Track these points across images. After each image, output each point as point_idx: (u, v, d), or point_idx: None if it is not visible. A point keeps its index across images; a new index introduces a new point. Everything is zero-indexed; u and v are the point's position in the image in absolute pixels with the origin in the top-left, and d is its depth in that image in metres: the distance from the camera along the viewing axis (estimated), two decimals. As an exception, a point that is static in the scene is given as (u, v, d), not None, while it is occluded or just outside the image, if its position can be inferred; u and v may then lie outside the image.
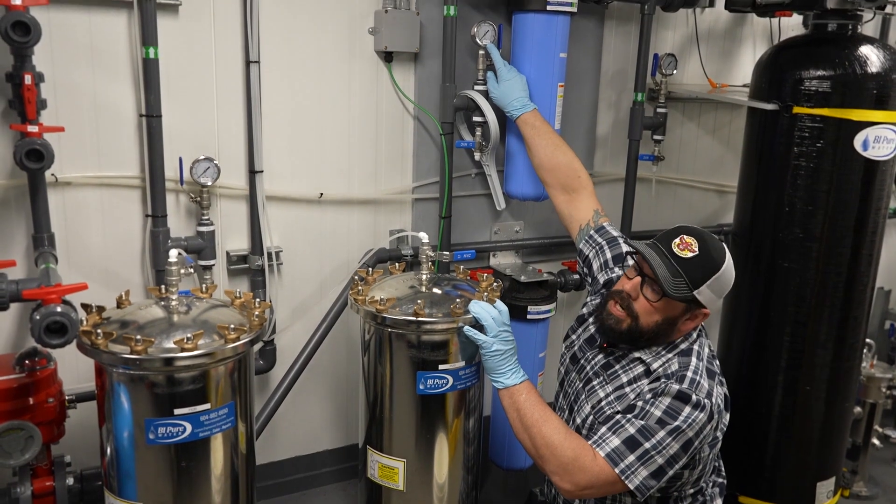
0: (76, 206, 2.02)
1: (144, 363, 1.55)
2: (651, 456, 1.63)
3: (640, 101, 2.66)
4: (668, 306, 1.73)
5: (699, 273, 1.70)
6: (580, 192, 2.17)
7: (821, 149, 2.39)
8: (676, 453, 1.64)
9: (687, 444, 1.65)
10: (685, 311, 1.74)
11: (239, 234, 2.25)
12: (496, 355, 1.74)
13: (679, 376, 1.70)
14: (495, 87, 2.29)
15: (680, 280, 1.70)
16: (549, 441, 1.69)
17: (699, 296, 1.70)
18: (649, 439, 1.63)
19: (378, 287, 2.00)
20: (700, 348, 1.78)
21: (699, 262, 1.71)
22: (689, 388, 1.67)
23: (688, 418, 1.64)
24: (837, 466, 2.70)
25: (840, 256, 2.47)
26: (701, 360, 1.75)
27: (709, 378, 1.72)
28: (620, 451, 1.64)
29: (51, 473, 1.79)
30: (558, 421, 1.72)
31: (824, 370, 2.54)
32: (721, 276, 1.72)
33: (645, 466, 1.63)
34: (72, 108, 1.96)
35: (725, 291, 1.77)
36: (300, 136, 2.28)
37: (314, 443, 2.54)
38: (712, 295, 1.73)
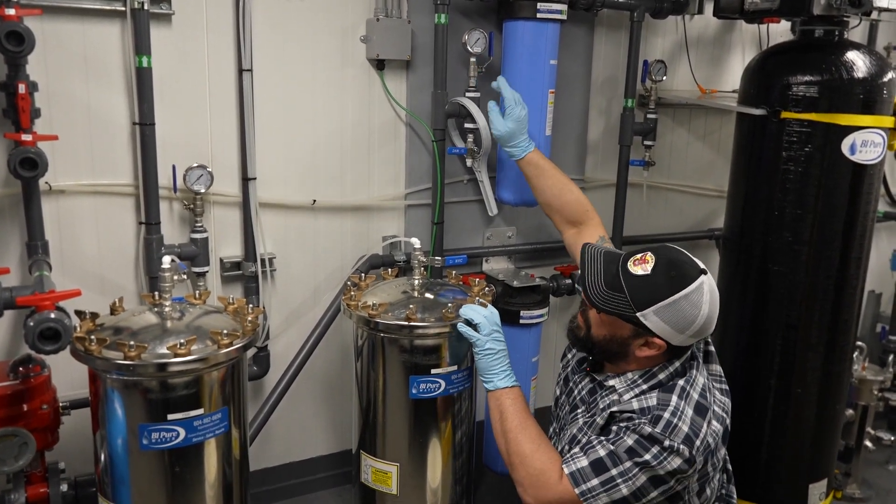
0: (70, 213, 2.03)
1: (138, 369, 1.56)
2: (616, 483, 1.56)
3: (631, 108, 2.69)
4: (613, 323, 1.63)
5: (644, 294, 1.57)
6: (588, 223, 2.09)
7: (809, 153, 2.41)
8: (644, 486, 1.56)
9: (657, 480, 1.56)
10: (635, 335, 1.62)
11: (232, 240, 2.26)
12: (489, 354, 1.75)
13: (654, 416, 1.57)
14: (502, 124, 2.10)
15: (619, 296, 1.59)
16: (520, 450, 1.68)
17: (644, 320, 1.57)
18: (616, 466, 1.56)
19: (371, 292, 2.01)
20: (688, 384, 1.63)
21: (646, 283, 1.58)
22: (663, 433, 1.54)
23: (658, 457, 1.54)
24: (830, 468, 2.71)
25: (829, 260, 2.49)
26: (685, 398, 1.61)
27: (696, 415, 1.58)
28: (585, 472, 1.58)
29: (45, 480, 1.79)
30: (536, 432, 1.70)
31: (816, 373, 2.55)
32: (673, 307, 1.56)
33: (607, 493, 1.57)
34: (66, 117, 1.97)
35: (691, 328, 1.58)
36: (293, 144, 2.29)
37: (308, 448, 2.54)
38: (666, 326, 1.58)
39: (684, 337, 1.60)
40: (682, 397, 1.61)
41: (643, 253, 1.63)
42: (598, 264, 1.66)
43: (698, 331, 1.61)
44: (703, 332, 1.62)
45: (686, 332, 1.60)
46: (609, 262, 1.66)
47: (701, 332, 1.62)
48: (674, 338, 1.60)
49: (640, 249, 1.64)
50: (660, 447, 1.54)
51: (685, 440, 1.55)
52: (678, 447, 1.54)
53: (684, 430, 1.56)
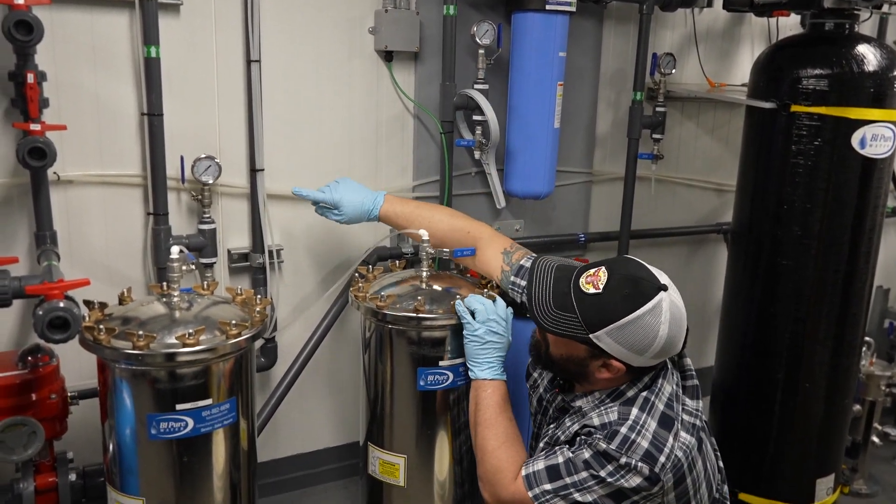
0: (78, 204, 2.03)
1: (146, 358, 1.56)
2: (569, 491, 1.52)
3: (639, 101, 2.67)
4: (568, 343, 1.55)
5: (595, 315, 1.48)
6: (479, 244, 1.94)
7: (819, 147, 2.40)
8: (603, 497, 1.50)
9: (617, 495, 1.50)
10: (591, 356, 1.53)
11: (240, 232, 2.26)
12: (476, 341, 1.75)
13: (611, 432, 1.50)
14: (339, 208, 1.96)
15: (570, 316, 1.51)
16: (484, 445, 1.68)
17: (598, 342, 1.49)
18: (571, 475, 1.52)
19: (378, 284, 2.01)
20: (652, 395, 1.54)
21: (598, 302, 1.48)
22: (618, 450, 1.47)
23: (614, 474, 1.48)
24: (837, 463, 2.70)
25: (838, 254, 2.48)
26: (648, 410, 1.52)
27: (660, 428, 1.50)
28: (540, 476, 1.55)
29: (53, 469, 1.80)
30: (504, 429, 1.68)
31: (823, 367, 2.54)
32: (627, 329, 1.46)
33: (562, 499, 1.52)
34: (74, 107, 1.97)
35: (650, 350, 1.48)
36: (301, 135, 2.29)
37: (315, 440, 2.55)
38: (621, 348, 1.48)
39: (645, 359, 1.50)
40: (644, 409, 1.53)
41: (597, 268, 1.53)
42: (548, 281, 1.57)
43: (660, 352, 1.50)
44: (666, 352, 1.51)
45: (646, 354, 1.49)
46: (560, 279, 1.57)
47: (664, 352, 1.51)
48: (633, 360, 1.51)
49: (594, 264, 1.56)
50: (616, 464, 1.48)
51: (645, 457, 1.47)
52: (636, 465, 1.47)
53: (643, 445, 1.48)
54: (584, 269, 1.56)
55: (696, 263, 3.24)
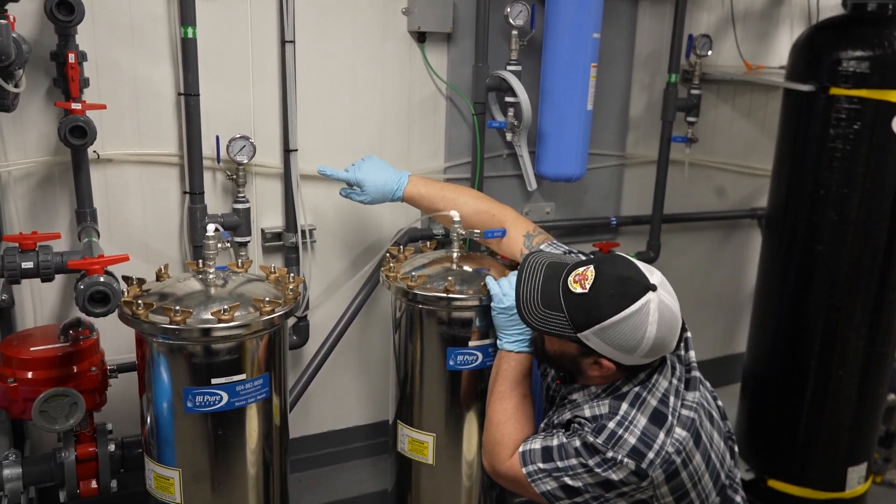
0: (117, 182, 2.07)
1: (183, 333, 1.60)
2: (560, 474, 1.56)
3: (674, 83, 2.65)
4: (560, 341, 1.56)
5: (581, 315, 1.48)
6: (503, 226, 1.96)
7: (858, 131, 2.36)
8: (591, 485, 1.53)
9: (606, 484, 1.52)
10: (582, 354, 1.53)
11: (273, 211, 2.29)
12: (503, 314, 1.76)
13: (599, 426, 1.52)
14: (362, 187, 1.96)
15: (558, 315, 1.51)
16: (491, 416, 1.73)
17: (587, 342, 1.49)
18: (563, 460, 1.56)
19: (409, 264, 2.02)
20: (644, 391, 1.54)
21: (584, 303, 1.48)
22: (605, 444, 1.49)
23: (600, 465, 1.51)
24: (869, 452, 2.68)
25: (876, 240, 2.44)
26: (638, 406, 1.52)
27: (651, 424, 1.50)
28: (535, 455, 1.60)
29: (93, 440, 1.85)
30: (515, 404, 1.71)
31: (858, 355, 2.52)
32: (613, 329, 1.45)
33: (553, 479, 1.57)
34: (113, 87, 2.00)
35: (639, 349, 1.47)
36: (334, 116, 2.30)
37: (345, 418, 2.58)
38: (610, 348, 1.48)
39: (635, 357, 1.50)
40: (633, 405, 1.53)
41: (585, 267, 1.52)
42: (537, 280, 1.56)
43: (649, 351, 1.48)
44: (656, 351, 1.50)
45: (635, 354, 1.48)
46: (550, 276, 1.55)
47: (654, 351, 1.49)
48: (623, 359, 1.50)
49: (583, 262, 1.55)
50: (601, 458, 1.50)
51: (631, 452, 1.48)
52: (622, 460, 1.48)
53: (630, 441, 1.49)
54: (573, 267, 1.54)
55: (728, 249, 3.20)
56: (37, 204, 2.00)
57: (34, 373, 1.73)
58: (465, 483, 2.02)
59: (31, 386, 1.72)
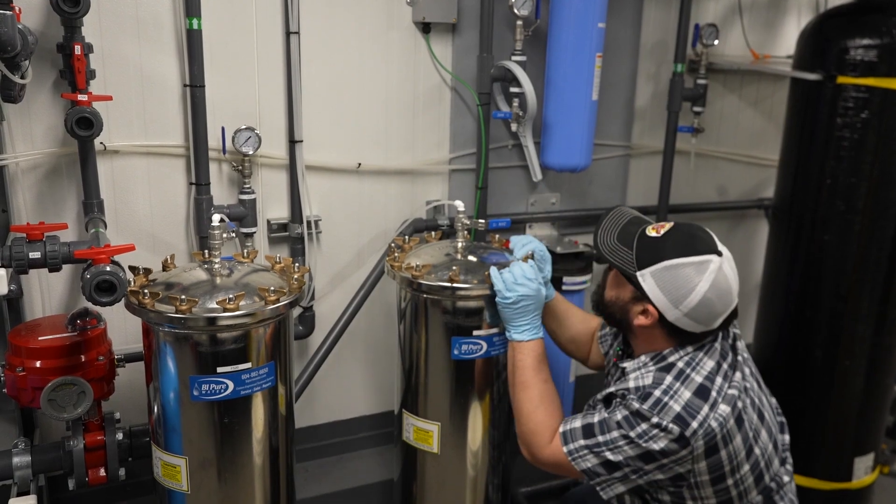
0: (124, 173, 2.09)
1: (189, 322, 1.61)
2: (601, 449, 1.58)
3: (680, 73, 2.64)
4: (619, 284, 1.66)
5: (648, 254, 1.58)
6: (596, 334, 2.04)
7: (865, 120, 2.34)
8: (632, 458, 1.56)
9: (647, 456, 1.54)
10: (633, 299, 1.62)
11: (279, 202, 2.30)
12: (509, 308, 1.77)
13: (644, 394, 1.56)
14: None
15: (625, 251, 1.61)
16: (519, 407, 1.75)
17: (642, 281, 1.57)
18: (604, 434, 1.58)
19: (414, 254, 2.03)
20: (689, 368, 1.59)
21: (653, 244, 1.58)
22: (650, 410, 1.53)
23: (644, 434, 1.53)
24: (876, 443, 2.67)
25: (883, 230, 2.43)
26: (683, 378, 1.57)
27: (695, 397, 1.54)
28: (575, 433, 1.63)
29: (101, 428, 1.86)
30: (540, 391, 1.73)
31: (864, 345, 2.50)
32: (670, 272, 1.54)
33: (594, 455, 1.59)
34: (119, 79, 2.01)
35: (684, 304, 1.54)
36: (339, 107, 2.31)
37: (351, 408, 2.59)
38: (660, 293, 1.56)
39: (678, 313, 1.55)
40: (678, 378, 1.57)
41: (665, 222, 1.65)
42: (620, 221, 1.68)
43: (693, 309, 1.54)
44: (699, 315, 1.55)
45: (680, 308, 1.54)
46: (634, 223, 1.68)
47: (697, 314, 1.55)
48: (668, 310, 1.56)
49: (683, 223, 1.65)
50: (648, 424, 1.53)
51: (676, 419, 1.51)
52: (667, 425, 1.51)
53: (675, 409, 1.52)
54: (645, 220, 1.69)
55: (735, 239, 3.19)
56: (44, 195, 2.01)
57: (42, 362, 1.75)
58: (469, 472, 2.04)
59: (40, 375, 1.73)
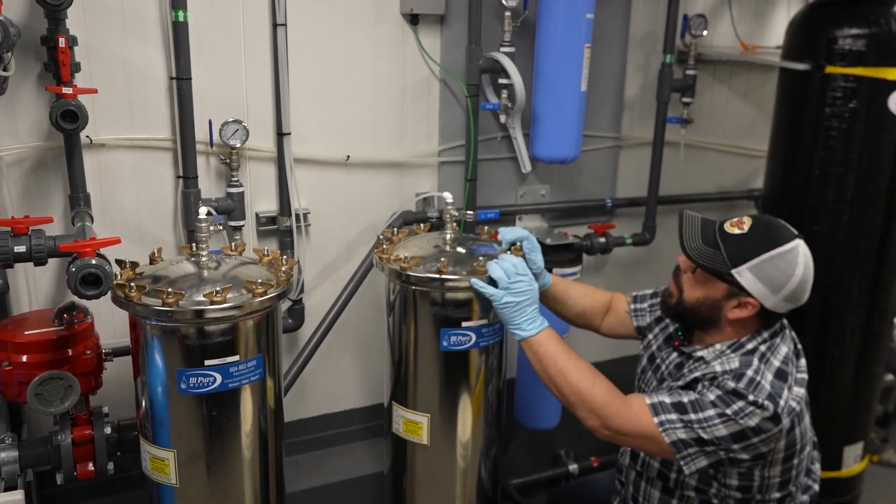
0: (110, 167, 2.08)
1: (176, 315, 1.60)
2: (693, 427, 1.59)
3: (669, 63, 2.64)
4: (707, 283, 1.67)
5: (740, 251, 1.61)
6: (613, 301, 2.12)
7: (854, 109, 2.35)
8: (724, 438, 1.58)
9: (739, 435, 1.58)
10: (728, 296, 1.65)
11: (268, 195, 2.29)
12: (507, 307, 1.74)
13: (737, 374, 1.61)
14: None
15: (715, 252, 1.63)
16: (576, 389, 1.69)
17: (739, 277, 1.61)
18: (697, 412, 1.59)
19: (403, 246, 2.02)
20: (769, 351, 1.66)
21: (743, 241, 1.62)
22: (746, 388, 1.58)
23: (741, 411, 1.57)
24: (866, 432, 2.68)
25: (872, 220, 2.44)
26: (765, 361, 1.64)
27: (776, 379, 1.61)
28: (665, 407, 1.62)
29: (90, 423, 1.85)
30: (582, 367, 1.71)
31: (854, 335, 2.52)
32: (770, 262, 1.59)
33: (685, 431, 1.59)
34: (105, 72, 2.00)
35: (784, 289, 1.60)
36: (327, 99, 2.30)
37: (342, 401, 2.59)
38: (759, 285, 1.60)
39: (777, 299, 1.62)
40: (762, 361, 1.64)
41: (739, 217, 1.68)
42: (696, 225, 1.70)
43: (791, 293, 1.62)
44: (796, 296, 1.63)
45: (779, 294, 1.61)
46: (706, 224, 1.71)
47: (794, 296, 1.63)
48: (767, 298, 1.62)
49: (756, 216, 1.70)
50: (744, 402, 1.57)
51: (769, 397, 1.57)
52: (763, 402, 1.56)
53: (766, 388, 1.59)
54: (724, 219, 1.71)
55: (726, 230, 3.20)
56: (30, 189, 2.00)
57: (29, 356, 1.74)
58: (459, 464, 2.04)
59: (26, 369, 1.72)
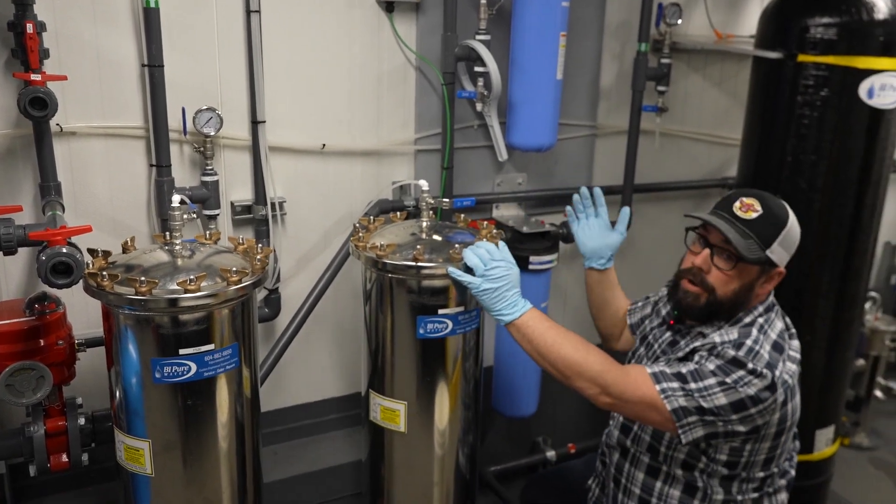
0: (82, 155, 2.05)
1: (149, 304, 1.59)
2: (693, 396, 1.62)
3: (644, 52, 2.64)
4: (742, 272, 1.71)
5: (768, 231, 1.70)
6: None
7: (825, 98, 2.37)
8: (723, 407, 1.61)
9: (739, 404, 1.61)
10: (760, 274, 1.73)
11: (243, 184, 2.27)
12: (486, 294, 1.74)
13: (737, 343, 1.66)
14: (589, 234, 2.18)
15: (751, 242, 1.69)
16: (570, 361, 1.68)
17: (772, 255, 1.70)
18: (697, 381, 1.62)
19: (379, 234, 2.02)
20: (766, 324, 1.74)
21: (765, 221, 1.70)
22: (746, 357, 1.63)
23: (740, 380, 1.61)
24: (837, 415, 2.72)
25: (843, 208, 2.47)
26: (764, 332, 1.71)
27: (774, 351, 1.67)
28: (667, 375, 1.65)
29: (63, 414, 1.84)
30: (576, 338, 1.72)
31: (825, 321, 2.55)
32: (790, 231, 1.72)
33: (686, 400, 1.62)
34: (74, 59, 1.97)
35: (794, 246, 1.76)
36: (302, 87, 2.28)
37: (319, 390, 2.59)
38: (784, 253, 1.73)
39: (788, 256, 1.76)
40: (761, 332, 1.70)
41: (737, 200, 1.74)
42: (724, 224, 1.71)
43: (795, 247, 1.77)
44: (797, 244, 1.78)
45: (791, 252, 1.76)
46: (724, 219, 1.72)
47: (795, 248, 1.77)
48: (785, 262, 1.75)
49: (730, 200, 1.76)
50: (744, 370, 1.61)
51: (767, 366, 1.63)
52: (761, 371, 1.61)
53: (765, 356, 1.64)
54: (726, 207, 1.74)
55: (700, 218, 3.23)
56: (-1, 178, 1.97)
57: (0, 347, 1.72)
58: (437, 451, 2.04)
59: (-3, 360, 1.70)
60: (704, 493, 1.78)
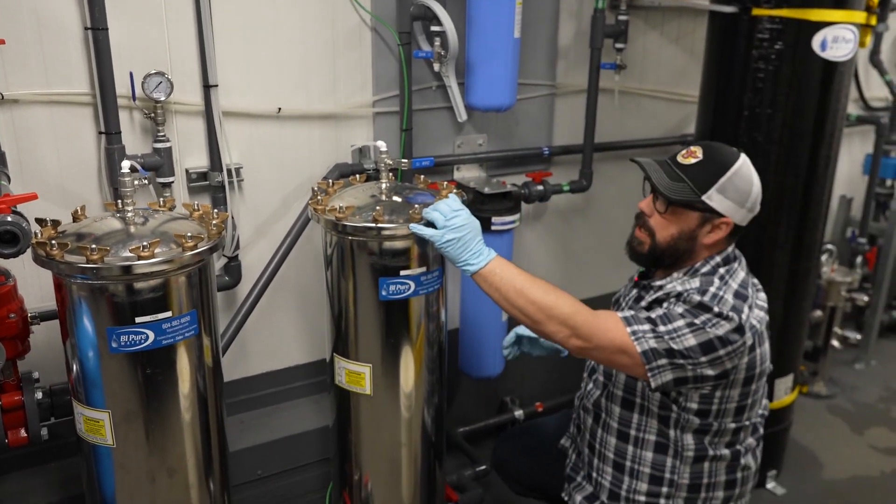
0: (26, 124, 1.98)
1: (102, 272, 1.55)
2: (663, 338, 1.63)
3: (601, 9, 2.63)
4: (680, 217, 1.73)
5: (703, 177, 1.69)
6: None
7: (780, 51, 2.39)
8: (692, 348, 1.62)
9: (707, 345, 1.62)
10: (702, 222, 1.73)
11: (198, 151, 2.22)
12: (451, 244, 1.73)
13: (701, 290, 1.67)
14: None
15: (682, 185, 1.70)
16: (540, 305, 1.67)
17: (710, 201, 1.69)
18: (666, 324, 1.64)
19: (338, 197, 1.99)
20: (728, 274, 1.74)
21: (703, 167, 1.71)
22: (711, 301, 1.64)
23: (708, 321, 1.62)
24: (795, 364, 2.79)
25: (798, 159, 2.50)
26: (726, 282, 1.71)
27: (736, 298, 1.68)
28: (638, 319, 1.67)
29: (19, 388, 1.80)
30: (545, 283, 1.71)
31: (782, 271, 2.60)
32: (732, 179, 1.69)
33: (656, 341, 1.63)
34: (11, 21, 1.89)
35: (749, 200, 1.72)
36: (254, 50, 2.23)
37: (284, 358, 2.57)
38: (728, 202, 1.70)
39: (744, 212, 1.74)
40: (722, 280, 1.72)
41: (686, 149, 1.76)
42: (653, 166, 1.76)
43: (753, 202, 1.74)
44: (755, 205, 1.75)
45: (745, 206, 1.73)
46: (660, 163, 1.77)
47: (754, 205, 1.75)
48: (736, 213, 1.73)
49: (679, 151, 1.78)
50: (710, 314, 1.63)
51: (733, 309, 1.65)
52: (728, 314, 1.63)
53: (730, 301, 1.66)
54: (672, 155, 1.79)
55: (661, 177, 3.25)
56: (-61, 149, 1.90)
57: (-52, 322, 1.67)
58: (404, 413, 2.05)
59: (-55, 335, 1.66)
60: (676, 449, 1.80)
